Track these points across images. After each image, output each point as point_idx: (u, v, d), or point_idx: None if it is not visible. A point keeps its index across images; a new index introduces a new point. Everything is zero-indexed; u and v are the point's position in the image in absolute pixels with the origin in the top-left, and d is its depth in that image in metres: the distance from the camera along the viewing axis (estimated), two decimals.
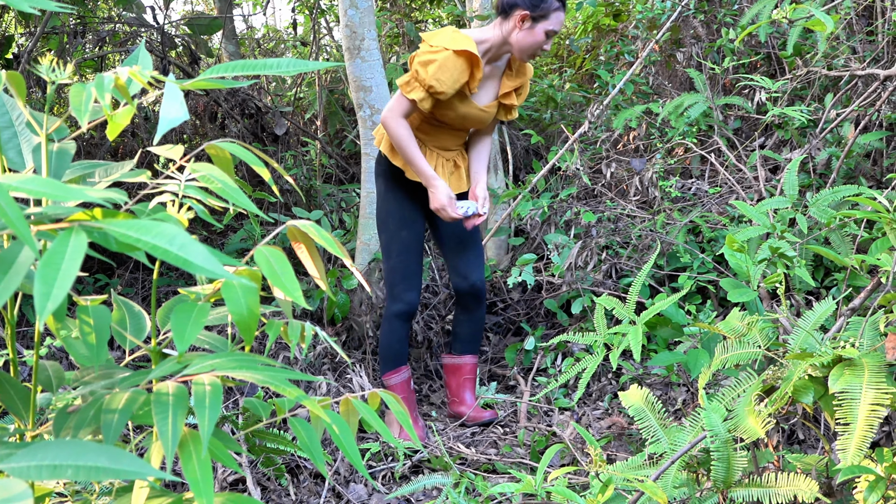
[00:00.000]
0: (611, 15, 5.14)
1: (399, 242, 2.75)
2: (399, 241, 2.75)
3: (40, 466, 0.74)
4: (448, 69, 2.50)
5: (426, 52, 2.53)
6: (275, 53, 6.45)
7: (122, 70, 0.91)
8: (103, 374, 1.03)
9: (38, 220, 0.79)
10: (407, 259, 2.75)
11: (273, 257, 0.98)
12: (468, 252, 2.82)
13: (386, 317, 2.80)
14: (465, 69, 2.53)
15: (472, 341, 2.93)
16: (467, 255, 2.82)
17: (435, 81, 2.50)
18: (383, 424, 1.11)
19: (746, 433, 1.58)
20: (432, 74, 2.49)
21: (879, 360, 1.52)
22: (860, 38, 3.64)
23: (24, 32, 4.45)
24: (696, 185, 3.80)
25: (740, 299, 2.08)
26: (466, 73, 2.54)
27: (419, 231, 2.78)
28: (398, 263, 2.75)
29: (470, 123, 2.72)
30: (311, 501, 2.38)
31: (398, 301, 2.75)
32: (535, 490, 1.64)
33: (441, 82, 2.50)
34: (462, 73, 2.52)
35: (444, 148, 2.74)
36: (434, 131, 2.70)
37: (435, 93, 2.52)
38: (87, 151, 4.05)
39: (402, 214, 2.75)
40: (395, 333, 2.78)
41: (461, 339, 2.94)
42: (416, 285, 2.77)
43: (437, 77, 2.50)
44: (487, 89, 2.71)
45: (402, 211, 2.75)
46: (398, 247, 2.75)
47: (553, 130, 4.65)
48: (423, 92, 2.53)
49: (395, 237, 2.75)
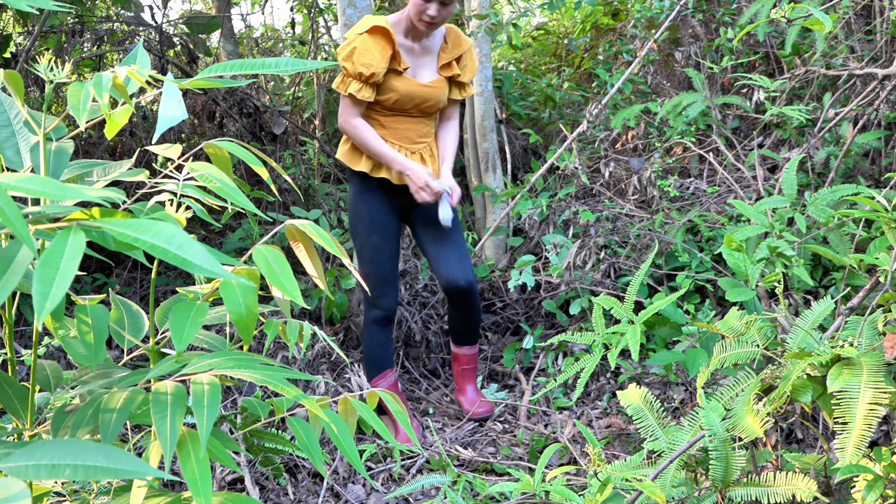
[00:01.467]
0: (609, 14, 5.15)
1: (370, 248, 2.74)
2: (370, 246, 2.74)
3: (38, 466, 0.74)
4: (368, 50, 2.58)
5: (345, 47, 2.62)
6: (273, 52, 6.44)
7: (120, 69, 0.91)
8: (101, 373, 1.03)
9: (36, 220, 0.79)
10: (380, 264, 2.74)
11: (271, 256, 0.98)
12: (450, 253, 2.80)
13: (365, 323, 2.81)
14: (384, 45, 2.60)
15: (467, 334, 2.94)
16: (449, 256, 2.80)
17: (362, 67, 2.57)
18: (382, 424, 1.11)
19: (745, 432, 1.58)
20: (357, 61, 2.58)
21: (878, 359, 1.52)
22: (858, 37, 3.65)
23: (22, 31, 4.44)
24: (695, 184, 3.80)
25: (739, 298, 2.08)
26: (388, 48, 2.61)
27: (392, 235, 2.77)
28: (372, 269, 2.74)
29: (422, 104, 2.72)
30: (310, 501, 2.38)
31: (374, 307, 2.75)
32: (534, 489, 1.64)
33: (367, 65, 2.57)
34: (383, 49, 2.60)
35: (410, 140, 2.75)
36: (393, 123, 2.71)
37: (367, 78, 2.59)
38: (85, 150, 4.04)
39: (370, 219, 2.75)
40: (374, 339, 2.78)
41: (456, 334, 2.96)
42: (392, 291, 2.76)
43: (361, 62, 2.57)
44: (428, 66, 2.74)
45: (371, 216, 2.74)
46: (370, 253, 2.74)
47: (551, 130, 4.65)
48: (357, 83, 2.60)
49: (367, 243, 2.75)
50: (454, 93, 2.81)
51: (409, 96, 2.67)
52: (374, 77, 2.58)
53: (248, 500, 0.95)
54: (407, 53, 2.69)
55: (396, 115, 2.71)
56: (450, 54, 2.75)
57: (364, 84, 2.60)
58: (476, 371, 3.01)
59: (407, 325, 3.36)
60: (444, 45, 2.76)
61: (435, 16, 2.59)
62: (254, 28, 6.85)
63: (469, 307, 2.86)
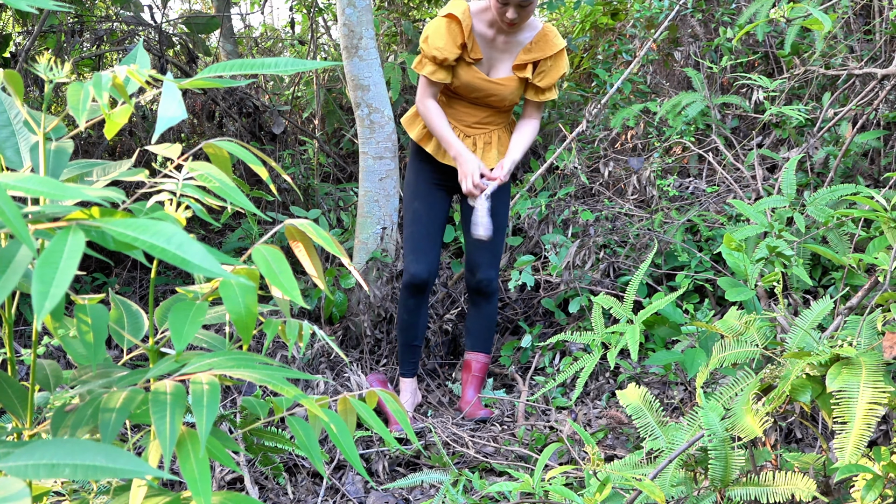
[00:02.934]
0: (609, 14, 5.15)
1: (410, 213, 2.82)
2: (411, 211, 2.82)
3: (38, 465, 0.74)
4: (441, 34, 2.61)
5: (427, 29, 2.66)
6: (273, 52, 6.44)
7: (119, 69, 0.91)
8: (101, 373, 1.03)
9: (35, 219, 0.79)
10: (416, 231, 2.80)
11: (271, 256, 0.98)
12: (483, 248, 2.82)
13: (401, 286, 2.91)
14: (457, 33, 2.62)
15: (482, 338, 2.95)
16: (482, 251, 2.83)
17: (435, 51, 2.61)
18: (381, 424, 1.11)
19: (744, 432, 1.58)
20: (431, 44, 2.62)
21: (877, 358, 1.52)
22: (858, 37, 3.65)
23: (21, 31, 4.44)
24: (694, 183, 3.80)
25: (738, 298, 2.08)
26: (459, 37, 2.62)
27: (434, 206, 2.81)
28: (408, 234, 2.82)
29: (485, 98, 2.72)
30: (309, 500, 2.38)
31: (405, 272, 2.83)
32: (533, 489, 1.64)
33: (440, 49, 2.61)
34: (456, 35, 2.62)
35: (466, 123, 2.78)
36: (454, 103, 2.76)
37: (440, 61, 2.62)
38: (84, 150, 4.04)
39: (416, 186, 2.82)
40: (403, 304, 2.88)
41: (471, 334, 2.97)
42: (424, 259, 2.80)
43: (434, 45, 2.61)
44: (507, 61, 2.72)
45: (418, 183, 2.81)
46: (409, 217, 2.83)
47: (551, 129, 4.65)
48: (431, 65, 2.64)
49: (409, 208, 2.83)
50: (530, 94, 2.77)
51: (470, 87, 2.69)
52: (447, 61, 2.62)
53: (247, 500, 0.95)
54: (485, 44, 2.68)
55: (459, 98, 2.74)
56: (530, 55, 2.70)
57: (438, 67, 2.65)
58: (484, 382, 3.01)
59: None
60: (530, 44, 2.71)
61: (515, 17, 2.57)
62: (253, 28, 6.85)
63: (486, 305, 2.90)
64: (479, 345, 2.95)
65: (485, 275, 2.83)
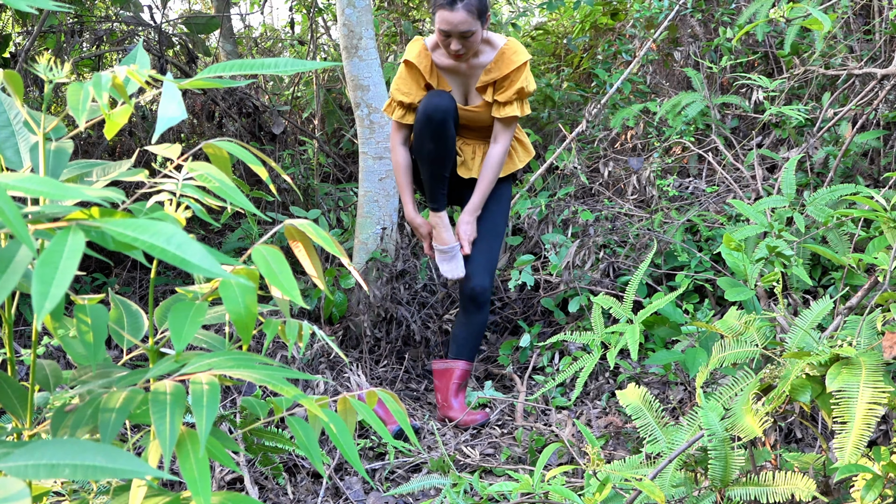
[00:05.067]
0: (608, 14, 5.15)
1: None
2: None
3: (38, 465, 0.74)
4: (403, 79, 2.69)
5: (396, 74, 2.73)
6: (272, 52, 6.44)
7: (119, 69, 0.91)
8: (101, 373, 1.03)
9: (35, 219, 0.79)
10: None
11: (271, 256, 0.98)
12: (477, 255, 2.81)
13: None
14: (417, 75, 2.68)
15: (467, 346, 2.88)
16: (474, 257, 2.81)
17: (402, 96, 2.68)
18: (381, 424, 1.11)
19: (744, 432, 1.58)
20: (396, 89, 2.69)
21: (877, 358, 1.52)
22: (857, 36, 3.65)
23: (21, 31, 4.44)
24: (694, 183, 3.80)
25: (738, 298, 2.08)
26: (422, 78, 2.68)
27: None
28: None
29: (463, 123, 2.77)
30: (309, 500, 2.38)
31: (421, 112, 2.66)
32: (533, 489, 1.64)
33: (405, 94, 2.68)
34: (417, 78, 2.68)
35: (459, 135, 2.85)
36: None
37: (406, 105, 2.69)
38: (84, 150, 4.04)
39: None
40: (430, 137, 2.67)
41: (456, 342, 2.89)
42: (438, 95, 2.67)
43: (400, 90, 2.69)
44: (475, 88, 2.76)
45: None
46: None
47: (551, 129, 4.65)
48: (400, 109, 2.72)
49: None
50: (494, 110, 2.73)
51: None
52: (414, 105, 2.67)
53: (247, 500, 0.95)
54: (451, 76, 2.71)
55: None
56: (489, 76, 2.69)
57: (406, 111, 2.70)
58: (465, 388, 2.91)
59: (406, 325, 3.36)
60: (490, 65, 2.69)
61: (459, 49, 2.57)
62: (253, 28, 6.85)
63: (476, 314, 2.84)
64: (464, 353, 2.87)
65: (479, 282, 2.78)
